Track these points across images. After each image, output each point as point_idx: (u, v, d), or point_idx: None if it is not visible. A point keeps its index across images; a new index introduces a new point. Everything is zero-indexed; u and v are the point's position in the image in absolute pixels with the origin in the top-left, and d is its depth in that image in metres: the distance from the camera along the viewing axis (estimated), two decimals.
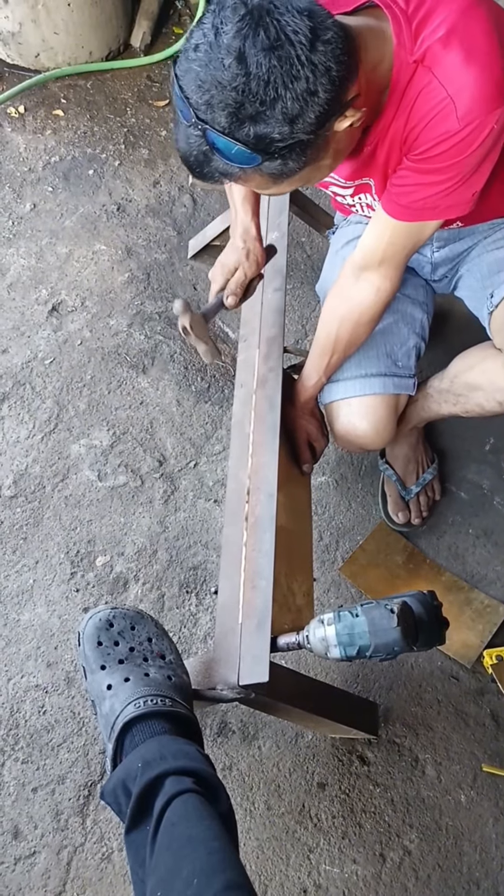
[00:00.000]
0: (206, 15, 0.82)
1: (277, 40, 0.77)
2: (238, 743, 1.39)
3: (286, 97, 0.79)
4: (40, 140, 2.24)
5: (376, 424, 1.35)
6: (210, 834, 0.78)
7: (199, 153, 0.85)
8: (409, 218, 1.05)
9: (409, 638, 0.86)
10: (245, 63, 0.77)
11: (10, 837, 1.29)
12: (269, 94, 0.79)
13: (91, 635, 0.98)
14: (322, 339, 1.29)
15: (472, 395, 1.33)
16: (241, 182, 0.91)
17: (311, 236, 2.08)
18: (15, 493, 1.63)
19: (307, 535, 1.29)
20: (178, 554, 1.58)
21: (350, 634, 0.89)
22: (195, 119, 0.82)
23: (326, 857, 1.30)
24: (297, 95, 0.79)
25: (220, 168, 0.86)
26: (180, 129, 0.86)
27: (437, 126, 0.92)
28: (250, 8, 0.78)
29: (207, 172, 0.88)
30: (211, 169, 0.87)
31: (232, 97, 0.79)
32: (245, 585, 1.07)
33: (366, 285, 1.19)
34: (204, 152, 0.85)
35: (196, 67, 0.80)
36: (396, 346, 1.37)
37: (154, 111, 2.37)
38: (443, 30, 0.88)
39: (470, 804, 1.36)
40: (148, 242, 2.06)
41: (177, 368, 1.83)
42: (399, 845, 1.32)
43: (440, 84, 0.89)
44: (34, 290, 1.94)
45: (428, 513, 1.63)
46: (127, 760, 0.88)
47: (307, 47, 0.78)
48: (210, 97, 0.80)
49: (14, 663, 1.44)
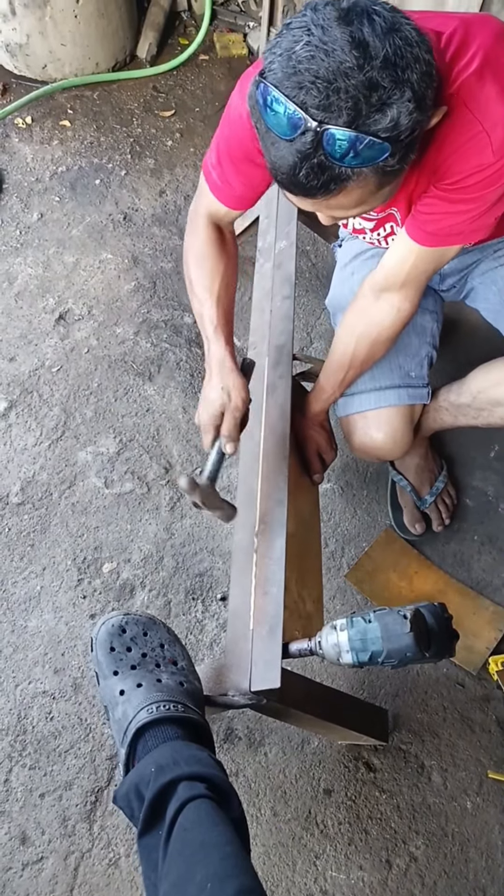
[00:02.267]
0: (294, 21, 0.78)
1: (393, 24, 0.76)
2: (244, 749, 1.39)
3: (413, 76, 0.76)
4: (47, 150, 2.26)
5: (393, 435, 1.37)
6: (223, 839, 0.79)
7: (312, 164, 0.78)
8: (435, 244, 1.07)
9: (421, 644, 0.87)
10: (367, 48, 0.74)
11: (18, 843, 1.29)
12: (399, 75, 0.75)
13: (104, 641, 0.98)
14: (338, 354, 1.29)
15: (497, 409, 1.34)
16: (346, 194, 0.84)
17: (316, 245, 2.10)
18: (22, 500, 1.64)
19: (316, 542, 1.30)
20: (185, 560, 1.59)
21: (363, 640, 0.89)
22: (311, 122, 0.75)
23: (333, 864, 1.31)
24: (420, 72, 0.77)
25: (337, 174, 0.79)
26: (279, 148, 0.80)
27: (471, 158, 0.93)
28: (349, 5, 0.76)
29: (320, 184, 0.81)
30: (326, 178, 0.80)
31: (360, 84, 0.73)
32: (256, 592, 1.08)
33: (386, 306, 1.20)
34: (320, 161, 0.78)
35: (304, 68, 0.74)
36: (408, 357, 1.38)
37: (160, 121, 2.40)
38: (476, 63, 0.88)
39: (476, 811, 1.36)
40: (154, 251, 2.08)
41: (183, 376, 1.85)
42: (405, 852, 1.32)
43: (475, 117, 0.89)
44: (41, 299, 1.95)
45: (449, 520, 1.66)
46: (140, 765, 0.89)
47: (416, 32, 0.77)
48: (328, 93, 0.74)
49: (21, 669, 1.45)
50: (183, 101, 2.48)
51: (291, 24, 0.78)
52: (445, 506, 1.66)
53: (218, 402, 1.14)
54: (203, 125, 2.41)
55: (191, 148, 2.34)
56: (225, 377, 1.15)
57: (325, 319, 1.97)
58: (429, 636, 0.90)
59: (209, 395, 1.16)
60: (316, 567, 1.26)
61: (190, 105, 2.47)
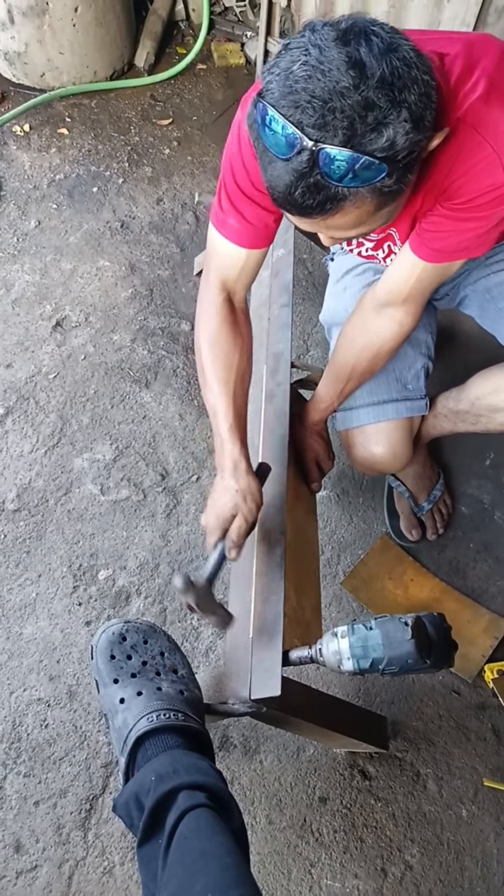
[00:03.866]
0: (292, 41, 0.78)
1: (391, 45, 0.76)
2: (240, 757, 1.39)
3: (410, 97, 0.76)
4: (45, 158, 2.27)
5: (393, 449, 1.37)
6: (223, 849, 0.79)
7: (308, 183, 0.78)
8: (440, 260, 1.08)
9: (422, 652, 0.87)
10: (363, 68, 0.74)
11: (12, 851, 1.29)
12: (395, 95, 0.75)
13: (104, 649, 0.98)
14: (338, 366, 1.30)
15: (496, 416, 1.35)
16: (343, 214, 0.83)
17: (313, 253, 2.11)
18: (18, 507, 1.64)
19: (314, 550, 1.31)
20: (181, 568, 1.59)
21: (364, 647, 0.90)
22: (307, 142, 0.75)
23: (328, 872, 1.30)
24: (418, 94, 0.77)
25: (333, 193, 0.79)
26: (276, 168, 0.80)
27: (483, 179, 0.94)
28: (347, 26, 0.76)
29: (316, 204, 0.80)
30: (322, 198, 0.80)
31: (356, 104, 0.74)
32: (256, 600, 1.08)
33: (387, 321, 1.20)
34: (316, 180, 0.78)
35: (300, 88, 0.75)
36: (405, 370, 1.39)
37: (157, 130, 2.41)
38: (482, 86, 0.89)
39: (471, 819, 1.37)
40: (151, 259, 2.08)
41: (179, 383, 1.85)
42: (400, 860, 1.32)
43: (485, 140, 0.91)
44: (38, 306, 1.96)
45: (444, 529, 1.67)
46: (140, 774, 0.89)
47: (414, 53, 0.78)
48: (324, 112, 0.74)
49: (16, 677, 1.44)
50: (180, 109, 2.49)
51: (290, 45, 0.78)
52: (441, 514, 1.67)
53: (230, 504, 1.10)
54: (200, 134, 2.42)
55: (188, 156, 2.35)
56: (240, 480, 1.11)
57: (322, 327, 1.98)
58: (429, 645, 0.90)
59: (221, 497, 1.12)
60: (314, 575, 1.27)
61: (187, 114, 2.48)
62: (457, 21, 2.05)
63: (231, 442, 1.14)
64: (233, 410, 1.15)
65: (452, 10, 2.04)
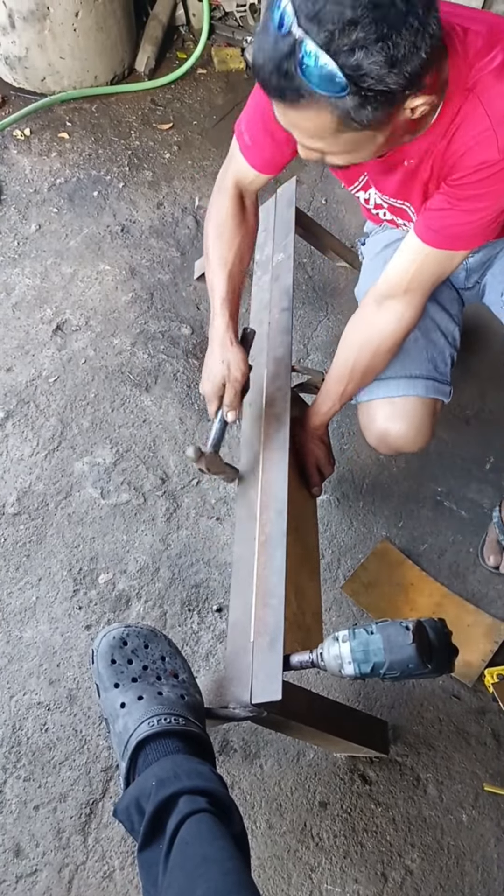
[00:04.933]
0: None
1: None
2: (240, 761, 1.39)
3: (397, 39, 0.78)
4: (46, 162, 2.28)
5: (418, 425, 1.34)
6: (224, 854, 0.79)
7: (280, 64, 0.81)
8: (439, 245, 1.08)
9: (424, 656, 0.87)
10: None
11: (12, 855, 1.29)
12: (383, 29, 0.77)
13: (105, 653, 0.98)
14: (339, 367, 1.30)
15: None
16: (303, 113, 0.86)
17: (313, 257, 2.12)
18: (18, 511, 1.64)
19: (315, 554, 1.31)
20: (181, 572, 1.59)
21: (365, 651, 0.90)
22: (295, 25, 0.78)
23: (328, 877, 1.30)
24: (407, 42, 0.79)
25: (296, 85, 0.82)
26: (265, 36, 0.83)
27: (476, 154, 0.95)
28: None
29: (279, 86, 0.83)
30: (285, 83, 0.83)
31: (347, 15, 0.76)
32: (257, 604, 1.08)
33: (389, 314, 1.21)
34: (287, 66, 0.81)
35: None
36: (436, 353, 1.37)
37: (158, 134, 2.42)
38: (497, 61, 0.91)
39: (472, 823, 1.37)
40: (151, 263, 2.09)
41: (180, 387, 1.85)
42: (401, 865, 1.32)
43: (486, 113, 0.91)
44: (39, 310, 1.96)
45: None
46: (141, 779, 0.88)
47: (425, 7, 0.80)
48: (320, 7, 0.77)
49: (16, 681, 1.44)
50: (181, 114, 2.50)
51: None
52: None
53: (219, 374, 1.21)
54: (201, 138, 2.43)
55: (188, 161, 2.36)
56: (225, 351, 1.21)
57: (322, 331, 1.98)
58: (430, 650, 0.90)
59: (211, 367, 1.23)
60: (315, 579, 1.27)
61: (188, 118, 2.49)
62: None
63: (220, 316, 1.24)
64: (227, 286, 1.25)
65: None
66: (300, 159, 1.04)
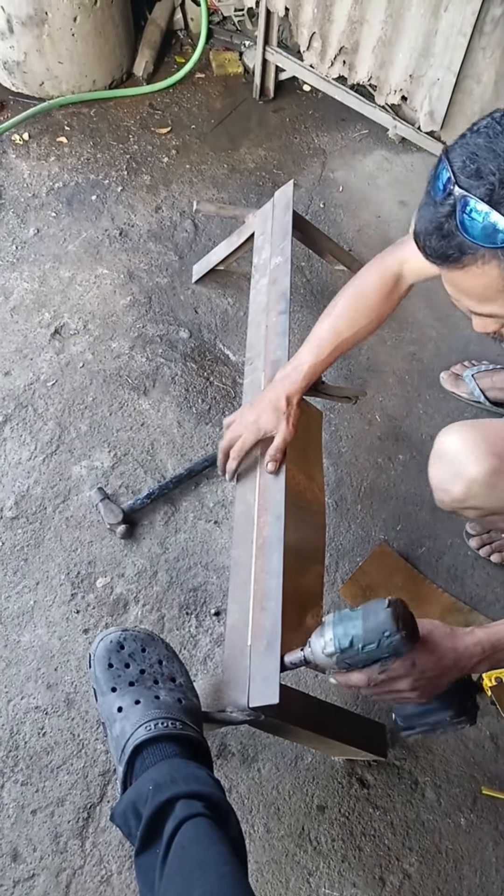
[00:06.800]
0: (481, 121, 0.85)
1: None
2: (237, 765, 1.39)
3: None
4: (44, 166, 2.28)
5: None
6: (221, 859, 0.79)
7: (441, 226, 0.83)
8: None
9: (399, 622, 0.86)
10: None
11: (10, 860, 1.28)
12: None
13: (102, 657, 0.98)
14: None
15: None
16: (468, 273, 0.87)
17: (311, 261, 2.12)
18: (16, 514, 1.64)
19: (319, 556, 1.31)
20: (179, 575, 1.59)
21: (344, 625, 0.90)
22: (455, 187, 0.81)
23: (326, 881, 1.30)
24: None
25: (459, 243, 0.84)
26: (426, 206, 0.86)
27: None
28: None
29: (441, 248, 0.85)
30: (447, 244, 0.84)
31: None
32: (254, 607, 1.08)
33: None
34: (447, 227, 0.83)
35: (472, 142, 0.81)
36: None
37: (156, 138, 2.42)
38: None
39: (470, 827, 1.36)
40: (150, 267, 2.09)
41: (178, 390, 1.86)
42: (399, 869, 1.32)
43: None
44: (37, 314, 1.96)
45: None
46: (138, 783, 0.89)
47: None
48: (480, 165, 0.80)
49: (14, 685, 1.44)
50: (179, 118, 2.50)
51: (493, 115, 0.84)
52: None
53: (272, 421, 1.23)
54: (199, 142, 2.44)
55: (186, 165, 2.36)
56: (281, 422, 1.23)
57: None
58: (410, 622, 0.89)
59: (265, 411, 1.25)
60: (317, 582, 1.26)
61: (186, 122, 2.49)
62: (454, 30, 2.06)
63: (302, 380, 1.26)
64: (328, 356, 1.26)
65: (449, 20, 2.06)
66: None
